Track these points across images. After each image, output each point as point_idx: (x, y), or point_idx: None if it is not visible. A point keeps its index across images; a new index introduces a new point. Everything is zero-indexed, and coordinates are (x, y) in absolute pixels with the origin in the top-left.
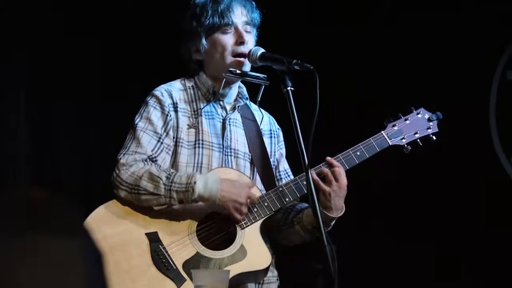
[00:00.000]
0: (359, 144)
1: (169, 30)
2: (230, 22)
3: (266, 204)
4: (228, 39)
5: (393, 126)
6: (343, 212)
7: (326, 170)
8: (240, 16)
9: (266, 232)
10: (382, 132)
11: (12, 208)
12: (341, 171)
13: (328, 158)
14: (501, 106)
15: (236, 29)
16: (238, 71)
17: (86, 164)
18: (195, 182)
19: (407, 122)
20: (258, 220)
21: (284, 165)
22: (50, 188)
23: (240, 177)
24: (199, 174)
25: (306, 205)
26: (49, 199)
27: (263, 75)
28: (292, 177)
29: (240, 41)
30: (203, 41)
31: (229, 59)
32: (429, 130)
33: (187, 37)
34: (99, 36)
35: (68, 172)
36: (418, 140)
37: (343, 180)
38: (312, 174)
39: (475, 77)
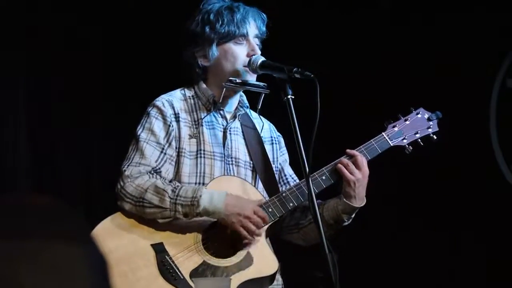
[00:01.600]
0: (361, 146)
1: (170, 38)
2: (245, 34)
3: (270, 210)
4: (240, 50)
5: (394, 127)
6: (364, 203)
7: (346, 160)
8: (254, 28)
9: (277, 236)
10: (383, 133)
11: (16, 213)
12: (363, 160)
13: (348, 150)
14: (502, 114)
15: (249, 41)
16: (238, 80)
17: (86, 177)
18: (200, 196)
19: (407, 122)
20: (263, 226)
21: (289, 170)
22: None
23: (243, 184)
24: (205, 189)
25: (323, 201)
26: (53, 205)
27: (263, 84)
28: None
29: (252, 54)
30: (214, 48)
31: (241, 68)
32: (429, 130)
33: (195, 41)
34: (100, 45)
35: (68, 185)
36: (419, 140)
37: (366, 168)
38: (336, 165)
39: (476, 84)
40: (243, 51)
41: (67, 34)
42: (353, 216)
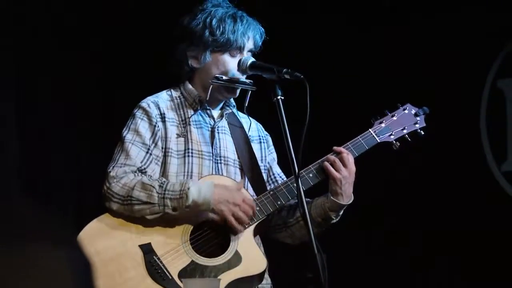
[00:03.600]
0: (347, 143)
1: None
2: (242, 47)
3: (258, 208)
4: (232, 63)
5: (380, 123)
6: (351, 200)
7: (333, 157)
8: (251, 43)
9: (265, 235)
10: (370, 130)
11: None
12: (349, 157)
13: (335, 147)
14: (492, 115)
15: (242, 55)
16: (224, 77)
17: (78, 178)
18: (188, 188)
19: (394, 118)
20: (251, 225)
21: (277, 169)
22: (42, 201)
23: (230, 182)
24: (192, 181)
25: (311, 199)
26: (38, 208)
27: (250, 81)
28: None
29: None
30: (208, 53)
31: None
32: (416, 125)
33: (190, 41)
34: (93, 45)
35: (60, 186)
36: (407, 135)
37: (352, 166)
38: (323, 163)
39: (466, 85)
40: (235, 64)
41: (60, 33)
42: (341, 213)
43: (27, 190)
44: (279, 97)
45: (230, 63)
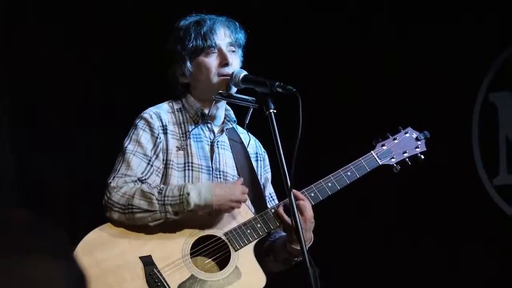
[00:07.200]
0: (349, 164)
1: (157, 51)
2: (213, 44)
3: (259, 225)
4: (212, 61)
5: (382, 145)
6: (311, 242)
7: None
8: (223, 37)
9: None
10: (372, 152)
11: None
12: (306, 204)
13: (294, 191)
14: (484, 128)
15: (220, 51)
16: (227, 94)
17: (73, 189)
18: (188, 194)
19: (396, 141)
20: (251, 241)
21: (270, 190)
22: (38, 213)
23: None
24: (190, 185)
25: (279, 235)
26: (33, 220)
27: (252, 98)
28: (276, 201)
29: (224, 63)
30: (188, 64)
31: (215, 79)
32: (417, 149)
33: (172, 60)
34: (91, 63)
35: (55, 199)
36: (407, 159)
37: (308, 213)
38: (278, 209)
39: (458, 98)
40: (215, 61)
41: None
42: (299, 259)
43: (21, 203)
44: (271, 111)
45: (208, 62)
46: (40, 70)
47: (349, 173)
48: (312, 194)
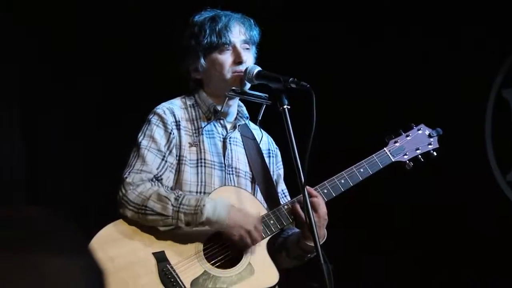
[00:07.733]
0: (362, 161)
1: (168, 47)
2: (228, 42)
3: (272, 222)
4: (226, 59)
5: (395, 142)
6: (324, 239)
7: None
8: (238, 34)
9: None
10: (385, 148)
11: (11, 226)
12: (319, 201)
13: (308, 188)
14: (497, 125)
15: (234, 48)
16: (240, 90)
17: (82, 189)
18: (204, 205)
19: (408, 138)
20: (264, 237)
21: (282, 186)
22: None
23: (244, 195)
24: (208, 198)
25: (292, 231)
26: (50, 218)
27: (265, 95)
28: (289, 198)
29: (238, 61)
30: (202, 60)
31: (229, 76)
32: (430, 146)
33: (186, 56)
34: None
35: (64, 198)
36: (420, 156)
37: (322, 210)
38: (293, 205)
39: (471, 95)
40: (229, 59)
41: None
42: (312, 255)
43: (31, 203)
44: (285, 107)
45: (223, 59)
46: (51, 83)
47: (361, 170)
48: (325, 191)
